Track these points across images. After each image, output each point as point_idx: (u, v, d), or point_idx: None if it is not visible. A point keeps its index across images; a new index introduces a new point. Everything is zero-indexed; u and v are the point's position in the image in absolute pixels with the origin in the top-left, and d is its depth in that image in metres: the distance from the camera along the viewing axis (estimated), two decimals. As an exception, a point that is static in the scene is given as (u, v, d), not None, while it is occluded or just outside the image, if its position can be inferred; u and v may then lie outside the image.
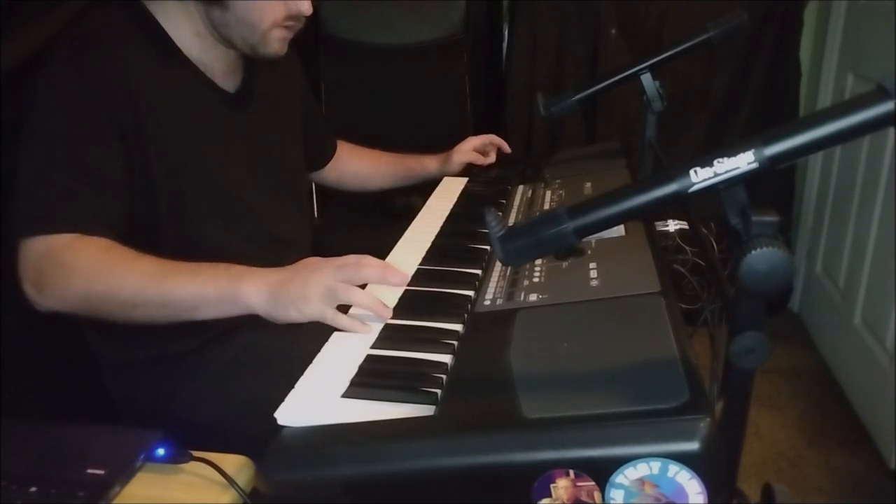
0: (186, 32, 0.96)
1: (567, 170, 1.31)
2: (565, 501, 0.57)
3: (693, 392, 0.58)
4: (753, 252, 0.50)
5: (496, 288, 0.87)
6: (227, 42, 0.97)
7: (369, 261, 0.85)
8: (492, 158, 1.44)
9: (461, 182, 1.36)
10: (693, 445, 0.54)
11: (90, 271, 0.83)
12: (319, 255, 1.24)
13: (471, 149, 1.42)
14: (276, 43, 0.97)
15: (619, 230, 0.95)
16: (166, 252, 0.94)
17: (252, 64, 1.06)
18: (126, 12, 0.94)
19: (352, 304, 0.83)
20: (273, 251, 1.07)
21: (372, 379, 0.71)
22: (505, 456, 0.58)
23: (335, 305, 0.82)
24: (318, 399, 0.69)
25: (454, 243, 1.06)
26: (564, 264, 0.89)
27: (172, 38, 0.96)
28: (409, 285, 0.92)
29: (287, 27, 0.97)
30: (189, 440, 0.70)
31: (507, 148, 1.45)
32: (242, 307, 0.84)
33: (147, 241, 0.92)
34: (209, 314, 0.85)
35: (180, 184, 0.94)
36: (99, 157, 0.86)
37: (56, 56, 0.88)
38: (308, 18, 0.99)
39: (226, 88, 1.02)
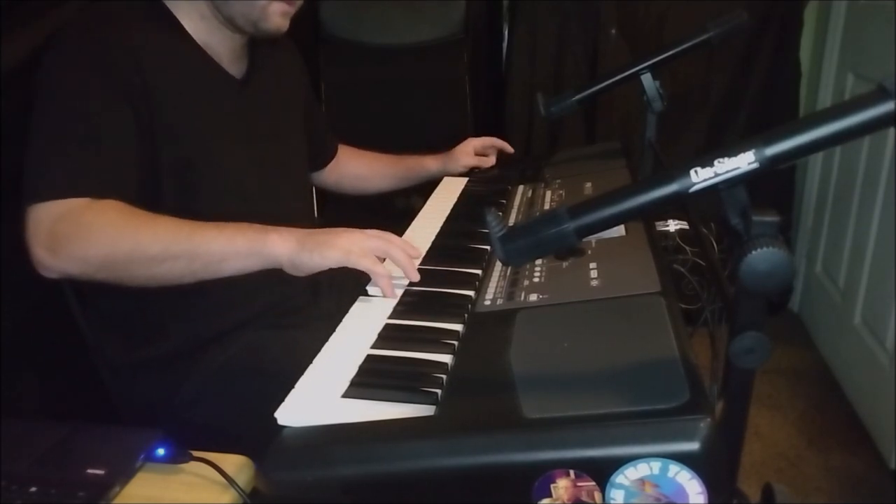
0: (193, 16, 0.98)
1: (567, 170, 1.31)
2: (566, 501, 0.57)
3: (693, 392, 0.58)
4: (754, 252, 0.50)
5: (496, 288, 0.87)
6: (229, 23, 0.98)
7: (398, 241, 0.90)
8: (492, 161, 1.44)
9: (461, 182, 1.36)
10: (693, 445, 0.54)
11: (115, 229, 0.83)
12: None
13: (471, 150, 1.42)
14: (277, 17, 0.98)
15: (619, 230, 0.94)
16: None
17: (256, 52, 1.07)
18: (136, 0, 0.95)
19: (379, 251, 0.88)
20: None
21: (372, 379, 0.71)
22: (505, 456, 0.58)
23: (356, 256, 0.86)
24: (319, 399, 0.69)
25: (454, 243, 1.06)
26: (564, 264, 0.89)
27: (182, 22, 0.97)
28: (409, 285, 0.92)
29: (287, 1, 0.98)
30: (189, 440, 0.70)
31: (509, 149, 1.45)
32: (268, 258, 0.86)
33: None
34: (236, 267, 0.86)
35: (186, 165, 0.95)
36: (112, 128, 0.87)
37: (67, 34, 0.89)
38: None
39: (232, 73, 1.03)
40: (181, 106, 0.94)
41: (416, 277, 0.89)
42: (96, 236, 0.83)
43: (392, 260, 0.89)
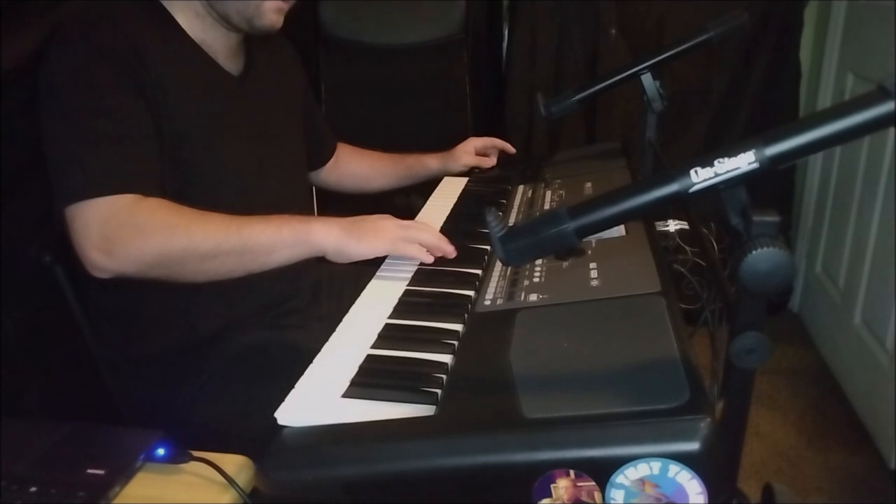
0: (188, 14, 0.98)
1: (567, 170, 1.31)
2: (566, 501, 0.57)
3: (693, 392, 0.58)
4: (754, 252, 0.50)
5: (496, 288, 0.87)
6: (224, 20, 0.98)
7: (429, 228, 0.97)
8: (493, 161, 1.44)
9: (461, 182, 1.36)
10: (693, 445, 0.54)
11: (169, 228, 0.85)
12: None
13: (472, 149, 1.42)
14: (272, 14, 0.98)
15: (619, 230, 0.95)
16: None
17: (253, 49, 1.07)
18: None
19: (419, 241, 0.94)
20: None
21: (372, 379, 0.71)
22: (505, 456, 0.58)
23: (406, 243, 0.92)
24: (319, 399, 0.69)
25: (454, 243, 1.06)
26: (564, 264, 0.89)
27: (177, 20, 0.97)
28: (409, 285, 0.92)
29: None
30: (189, 440, 0.70)
31: (510, 149, 1.45)
32: (314, 247, 0.90)
33: None
34: (284, 257, 0.89)
35: (183, 161, 0.94)
36: (137, 121, 0.88)
37: (71, 29, 0.89)
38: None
39: (229, 71, 1.03)
40: (179, 102, 0.93)
41: (452, 252, 0.95)
42: (151, 236, 0.84)
43: (432, 249, 0.94)
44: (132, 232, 0.83)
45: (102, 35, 0.88)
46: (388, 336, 0.80)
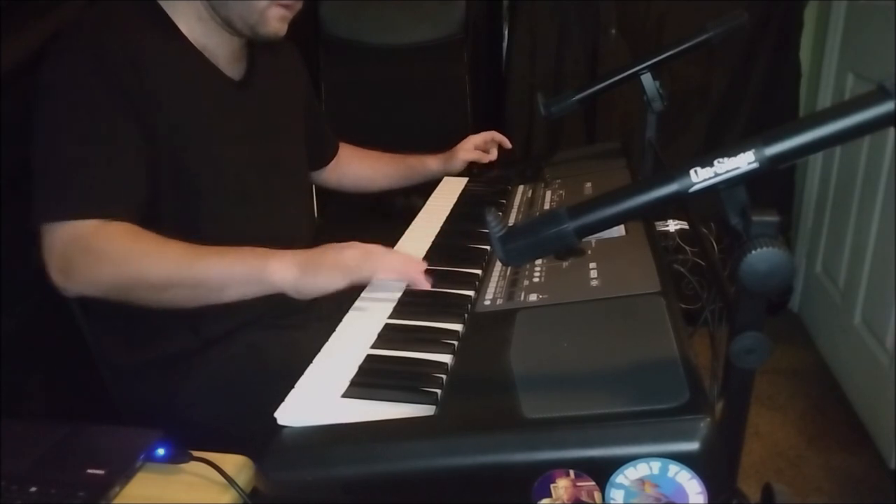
0: (190, 18, 0.97)
1: (567, 170, 1.31)
2: (565, 501, 0.57)
3: (693, 392, 0.58)
4: (753, 252, 0.50)
5: (496, 288, 0.87)
6: (227, 24, 0.97)
7: (402, 255, 0.92)
8: (493, 155, 1.43)
9: (461, 182, 1.36)
10: (693, 445, 0.54)
11: (121, 257, 0.84)
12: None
13: (471, 146, 1.41)
14: (275, 22, 0.97)
15: (619, 230, 0.94)
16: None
17: (255, 53, 1.07)
18: (131, 2, 0.95)
19: (385, 274, 0.88)
20: (275, 242, 1.07)
21: (372, 379, 0.71)
22: (505, 456, 0.58)
23: (367, 274, 0.86)
24: (318, 399, 0.69)
25: (454, 243, 1.06)
26: (564, 264, 0.89)
27: (178, 24, 0.96)
28: (408, 285, 0.92)
29: (285, 6, 0.97)
30: (189, 440, 0.70)
31: (507, 143, 1.44)
32: (268, 285, 0.85)
33: (149, 228, 0.93)
34: (236, 294, 0.86)
35: (184, 170, 0.94)
36: (119, 143, 0.87)
37: (66, 43, 0.88)
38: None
39: (231, 76, 1.02)
40: (179, 109, 0.93)
41: (428, 284, 0.88)
42: (104, 263, 0.83)
43: (400, 277, 0.89)
44: (88, 258, 0.83)
45: (99, 46, 0.88)
46: (388, 336, 0.80)
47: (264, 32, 0.98)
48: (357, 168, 1.41)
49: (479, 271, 0.93)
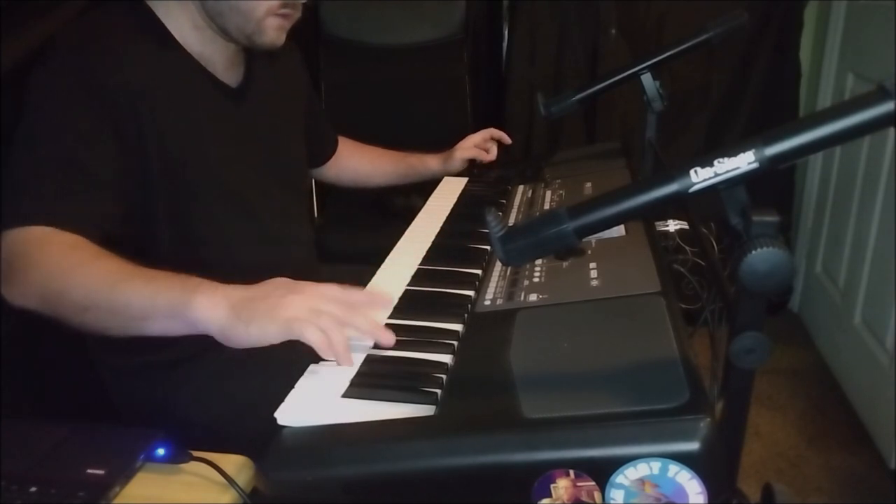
0: (185, 26, 0.95)
1: (567, 170, 1.31)
2: (565, 501, 0.57)
3: (693, 392, 0.58)
4: (753, 252, 0.50)
5: (496, 288, 0.87)
6: (224, 33, 0.96)
7: (357, 301, 0.74)
8: (493, 153, 1.42)
9: (461, 182, 1.36)
10: (693, 445, 0.54)
11: (48, 268, 0.77)
12: (319, 255, 1.24)
13: (471, 144, 1.40)
14: (273, 32, 0.95)
15: (619, 230, 0.94)
16: (163, 252, 0.94)
17: (253, 58, 1.06)
18: (125, 9, 0.94)
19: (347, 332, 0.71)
20: (274, 249, 1.07)
21: (372, 379, 0.71)
22: (505, 456, 0.58)
23: (310, 337, 0.69)
24: (318, 399, 0.69)
25: (454, 243, 1.06)
26: (564, 264, 0.89)
27: (172, 32, 0.95)
28: (409, 285, 0.92)
29: (283, 16, 0.95)
30: (189, 440, 0.70)
31: (507, 139, 1.43)
32: (191, 324, 0.72)
33: (144, 240, 0.92)
34: (158, 328, 0.75)
35: (180, 180, 0.93)
36: (91, 157, 0.85)
37: (53, 54, 0.87)
38: (308, 18, 0.98)
39: (227, 83, 1.01)
40: (174, 118, 0.92)
41: (390, 341, 0.73)
42: (33, 273, 0.78)
43: (353, 329, 0.72)
44: (21, 265, 0.79)
45: (88, 59, 0.86)
46: (388, 336, 0.80)
47: (261, 42, 0.96)
48: (356, 163, 1.41)
49: (479, 271, 0.93)
